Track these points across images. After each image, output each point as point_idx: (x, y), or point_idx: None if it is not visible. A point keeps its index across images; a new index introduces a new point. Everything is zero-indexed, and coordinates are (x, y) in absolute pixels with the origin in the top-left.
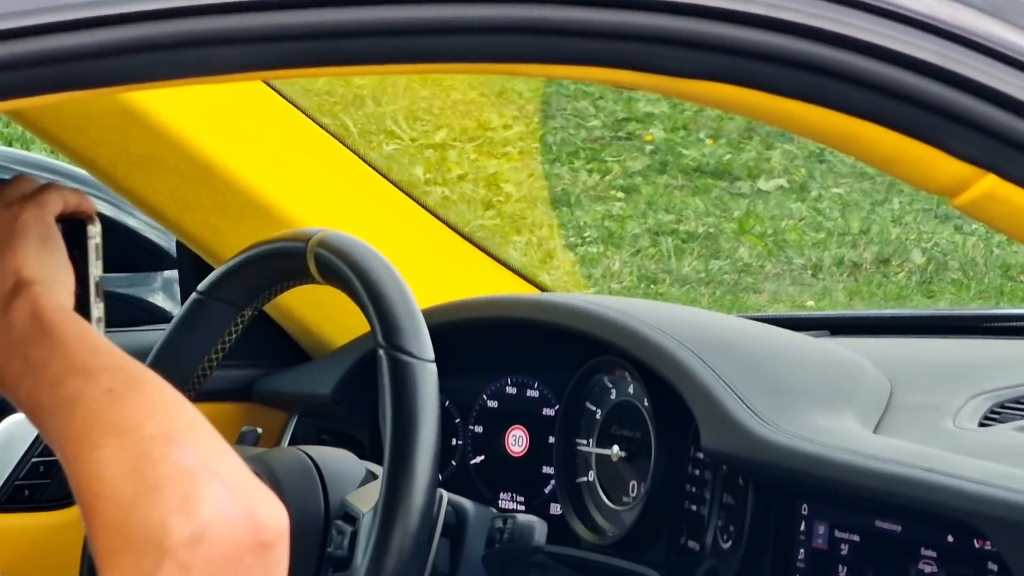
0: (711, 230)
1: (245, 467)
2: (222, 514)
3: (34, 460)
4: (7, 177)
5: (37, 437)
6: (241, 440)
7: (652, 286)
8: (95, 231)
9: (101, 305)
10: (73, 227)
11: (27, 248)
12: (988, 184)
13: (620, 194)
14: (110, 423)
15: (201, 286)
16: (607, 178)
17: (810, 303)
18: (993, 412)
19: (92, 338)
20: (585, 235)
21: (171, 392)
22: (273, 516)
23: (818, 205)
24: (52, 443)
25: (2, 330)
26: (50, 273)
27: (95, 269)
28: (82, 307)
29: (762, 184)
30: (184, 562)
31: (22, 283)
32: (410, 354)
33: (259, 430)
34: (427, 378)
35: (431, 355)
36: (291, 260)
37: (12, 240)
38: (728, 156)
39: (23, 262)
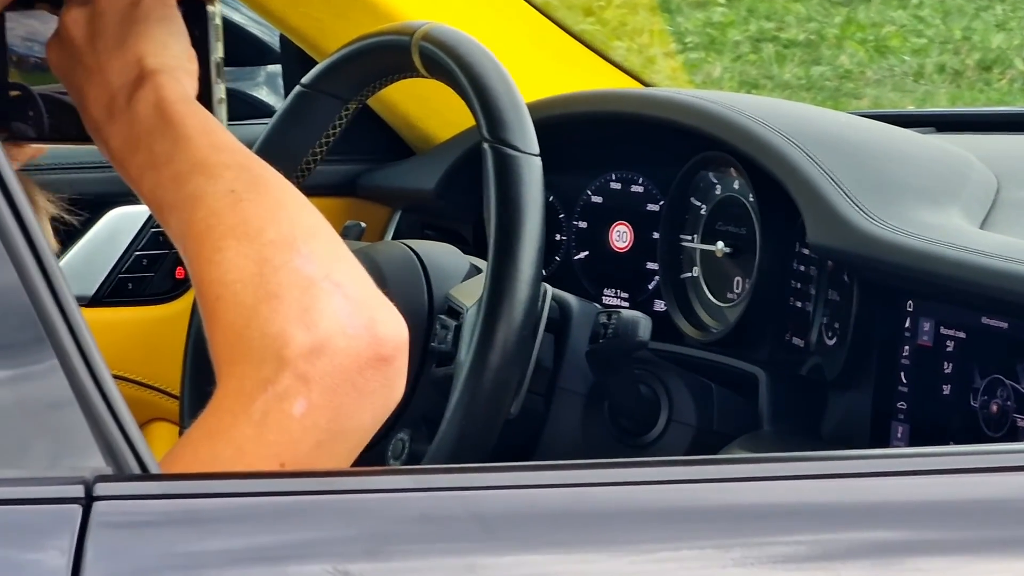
0: (812, 36)
1: (366, 276)
2: (342, 327)
3: (137, 253)
4: None
5: (140, 230)
6: (345, 234)
7: (753, 92)
8: (215, 11)
9: (222, 86)
10: (192, 8)
11: (149, 34)
12: None
13: (721, 0)
14: (231, 225)
15: (305, 79)
16: None
17: (911, 108)
18: None
19: (215, 132)
20: (686, 41)
21: (293, 194)
22: (393, 329)
23: (919, 12)
24: (175, 240)
25: (126, 122)
26: (174, 60)
27: (216, 50)
28: (204, 89)
29: None
30: (303, 373)
31: (145, 73)
32: (515, 147)
33: (363, 224)
34: (532, 171)
35: (536, 148)
36: (396, 53)
37: (133, 26)
38: None
39: (146, 50)
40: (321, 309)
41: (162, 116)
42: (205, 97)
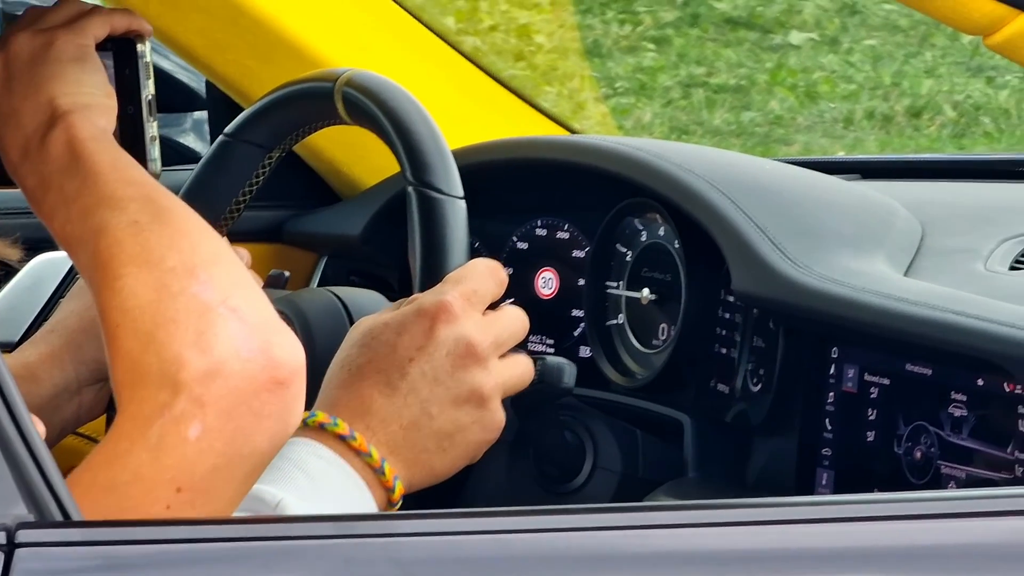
0: (743, 82)
1: (266, 303)
2: (237, 350)
3: (62, 301)
4: None
5: (64, 277)
6: (269, 284)
7: (683, 137)
8: (144, 49)
9: (155, 123)
10: (123, 47)
11: (62, 75)
12: (1022, 23)
13: (652, 45)
14: (132, 254)
15: (228, 128)
16: (639, 29)
17: (841, 154)
18: None
19: (125, 168)
20: (616, 86)
21: (197, 223)
22: (289, 353)
23: (849, 58)
24: (83, 273)
25: (40, 162)
26: (88, 97)
27: (147, 87)
28: (136, 126)
29: (793, 38)
30: (198, 397)
31: (58, 113)
32: (439, 190)
33: (287, 274)
34: (456, 214)
35: (460, 191)
36: (318, 101)
37: (45, 67)
38: (760, 7)
39: (58, 90)
40: (216, 333)
41: (73, 154)
42: (137, 134)
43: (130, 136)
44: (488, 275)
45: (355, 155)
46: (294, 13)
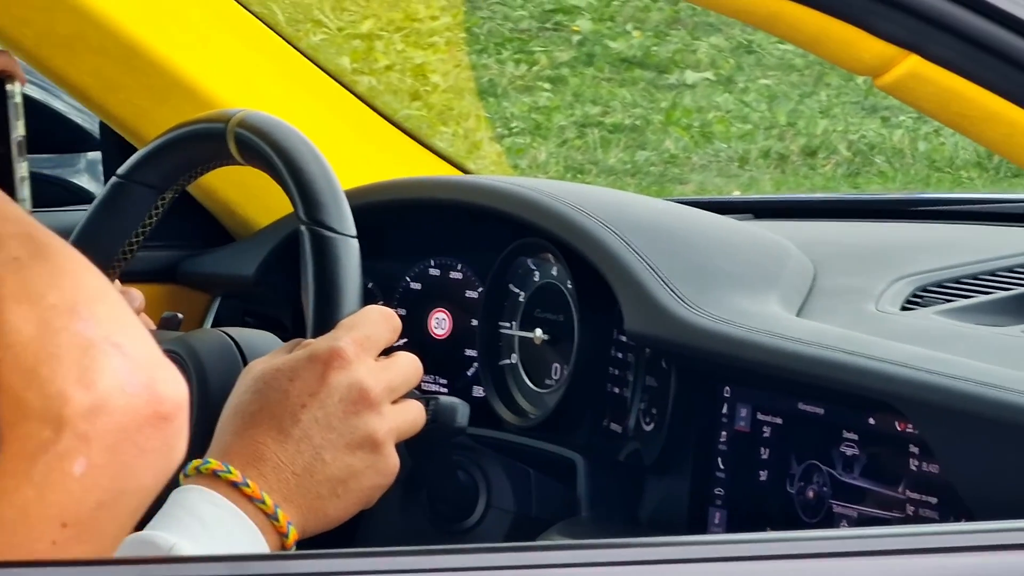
0: (637, 122)
1: (149, 339)
2: (121, 385)
3: None
4: None
5: None
6: (162, 326)
7: (578, 176)
8: (14, 90)
9: (25, 164)
10: None
11: None
12: (911, 64)
13: (547, 85)
14: (13, 291)
15: (121, 169)
16: (534, 69)
17: (736, 194)
18: (915, 296)
19: (1, 206)
20: (512, 126)
21: (78, 261)
22: (173, 388)
23: (745, 97)
24: None
25: None
26: None
27: (16, 128)
28: (6, 167)
29: (689, 77)
30: (83, 433)
31: None
32: (332, 229)
33: (180, 315)
34: (349, 252)
35: (353, 230)
36: (211, 141)
37: None
38: (655, 47)
39: None
40: (100, 369)
41: None
42: (7, 175)
43: (1, 176)
44: (382, 321)
45: (248, 195)
46: (188, 54)
